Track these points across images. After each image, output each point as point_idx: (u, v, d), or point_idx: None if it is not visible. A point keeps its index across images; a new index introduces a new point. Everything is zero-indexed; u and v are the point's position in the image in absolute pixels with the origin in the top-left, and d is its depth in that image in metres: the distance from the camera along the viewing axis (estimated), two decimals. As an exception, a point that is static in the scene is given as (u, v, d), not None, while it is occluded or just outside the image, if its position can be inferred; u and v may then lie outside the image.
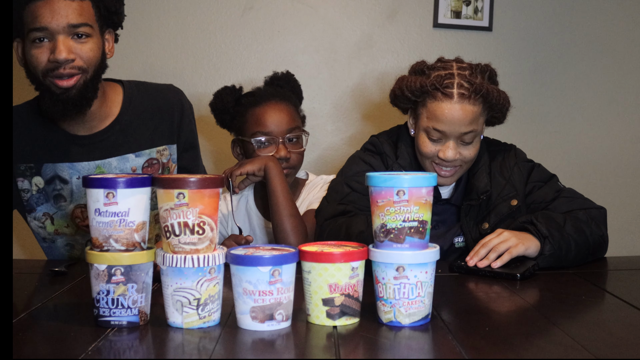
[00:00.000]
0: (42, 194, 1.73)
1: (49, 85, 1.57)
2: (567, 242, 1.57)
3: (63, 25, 1.53)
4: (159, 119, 1.77)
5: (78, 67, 1.56)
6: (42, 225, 1.76)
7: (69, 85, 1.56)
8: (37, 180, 1.71)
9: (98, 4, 1.61)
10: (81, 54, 1.57)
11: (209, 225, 1.11)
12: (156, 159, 1.76)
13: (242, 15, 2.41)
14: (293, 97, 1.95)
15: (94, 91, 1.62)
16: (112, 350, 1.02)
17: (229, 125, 1.96)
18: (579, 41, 2.48)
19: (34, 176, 1.71)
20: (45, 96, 1.59)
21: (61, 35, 1.54)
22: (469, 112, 1.64)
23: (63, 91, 1.56)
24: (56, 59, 1.53)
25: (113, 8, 1.64)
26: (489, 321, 1.19)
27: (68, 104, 1.58)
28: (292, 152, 1.88)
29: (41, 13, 1.52)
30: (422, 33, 2.44)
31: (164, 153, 1.77)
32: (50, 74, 1.56)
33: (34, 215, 1.75)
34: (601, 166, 2.53)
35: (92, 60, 1.59)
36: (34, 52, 1.56)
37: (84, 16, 1.56)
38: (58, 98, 1.57)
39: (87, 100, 1.61)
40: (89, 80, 1.59)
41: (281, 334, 1.09)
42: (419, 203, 1.12)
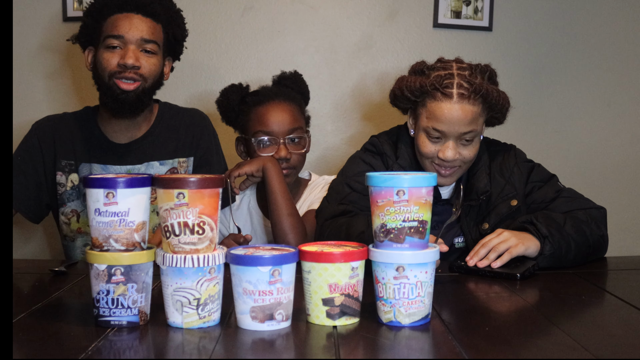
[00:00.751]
0: (75, 190, 1.88)
1: (112, 86, 1.78)
2: (567, 242, 1.57)
3: (136, 38, 1.77)
4: (182, 134, 1.94)
5: (140, 74, 1.78)
6: (67, 221, 1.90)
7: (129, 88, 1.77)
8: (74, 177, 1.87)
9: (168, 31, 1.86)
10: (145, 65, 1.78)
11: (208, 225, 1.11)
12: (176, 168, 1.92)
13: (242, 15, 2.41)
14: (298, 97, 1.95)
15: (148, 100, 1.84)
16: (112, 350, 1.02)
17: (234, 122, 1.97)
18: (579, 41, 2.48)
19: (71, 173, 1.88)
20: (107, 95, 1.80)
21: (132, 46, 1.77)
22: (468, 112, 1.64)
23: (122, 92, 1.77)
24: (125, 62, 1.75)
25: (179, 37, 1.90)
26: (489, 321, 1.19)
27: (125, 104, 1.78)
28: (293, 152, 1.88)
29: (120, 24, 1.77)
30: (422, 33, 2.44)
31: (183, 164, 1.92)
32: (116, 76, 1.77)
33: (62, 210, 1.89)
34: (601, 166, 2.53)
35: (153, 73, 1.81)
36: (106, 56, 1.78)
37: (154, 35, 1.81)
38: (117, 98, 1.78)
39: (141, 106, 1.83)
40: (147, 89, 1.81)
41: (281, 334, 1.09)
42: (419, 203, 1.12)
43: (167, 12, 1.86)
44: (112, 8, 1.79)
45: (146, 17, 1.80)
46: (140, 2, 1.79)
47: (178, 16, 1.90)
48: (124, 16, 1.78)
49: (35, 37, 2.38)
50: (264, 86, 1.97)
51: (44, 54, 2.38)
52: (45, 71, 2.40)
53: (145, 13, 1.80)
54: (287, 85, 1.97)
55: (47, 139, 1.89)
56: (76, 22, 2.35)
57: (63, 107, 2.25)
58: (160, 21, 1.83)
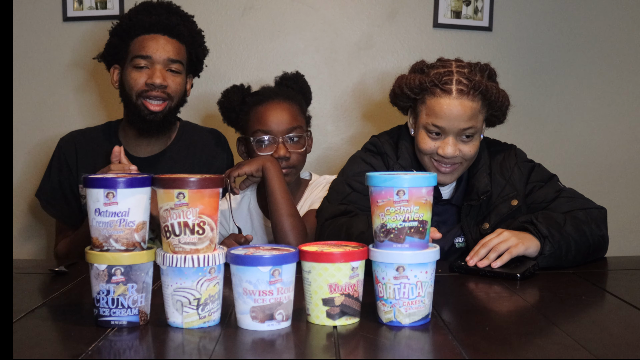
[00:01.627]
0: None
1: (139, 106, 1.85)
2: (567, 242, 1.57)
3: (164, 58, 1.85)
4: (199, 153, 2.01)
5: (167, 93, 1.86)
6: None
7: (157, 110, 1.85)
8: None
9: (191, 51, 1.94)
10: (171, 84, 1.87)
11: (209, 225, 1.11)
12: None
13: (242, 15, 2.41)
14: (298, 97, 1.95)
15: (174, 118, 1.93)
16: (112, 350, 1.02)
17: (235, 123, 1.98)
18: (579, 41, 2.48)
19: None
20: (133, 113, 1.87)
21: (159, 65, 1.85)
22: (467, 107, 1.64)
23: (150, 113, 1.85)
24: (153, 82, 1.83)
25: (201, 57, 1.99)
26: (489, 321, 1.19)
27: (153, 124, 1.87)
28: (293, 151, 1.88)
29: (148, 45, 1.85)
30: (422, 33, 2.44)
31: None
32: (143, 95, 1.84)
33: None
34: (601, 166, 2.53)
35: (178, 92, 1.90)
36: (134, 75, 1.85)
37: (179, 55, 1.89)
38: (145, 118, 1.86)
39: (168, 125, 1.92)
40: (173, 108, 1.90)
41: (281, 334, 1.09)
42: (419, 203, 1.12)
43: (191, 33, 1.94)
44: (139, 29, 1.86)
45: (172, 38, 1.88)
46: (167, 24, 1.87)
47: (200, 36, 1.98)
48: (151, 37, 1.86)
49: (35, 37, 2.38)
50: (264, 86, 1.97)
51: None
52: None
53: (172, 34, 1.88)
54: (289, 86, 1.97)
55: (71, 154, 1.97)
56: (76, 22, 2.36)
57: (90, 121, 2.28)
58: (184, 42, 1.92)
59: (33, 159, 2.41)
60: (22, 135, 2.39)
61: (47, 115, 2.40)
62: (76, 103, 2.41)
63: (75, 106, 2.41)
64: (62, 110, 2.40)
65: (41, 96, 2.40)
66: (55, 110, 2.40)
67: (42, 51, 2.39)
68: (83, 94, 2.41)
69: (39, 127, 2.40)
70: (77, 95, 2.41)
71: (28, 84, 2.40)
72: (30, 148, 2.41)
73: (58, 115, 2.39)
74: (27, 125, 2.40)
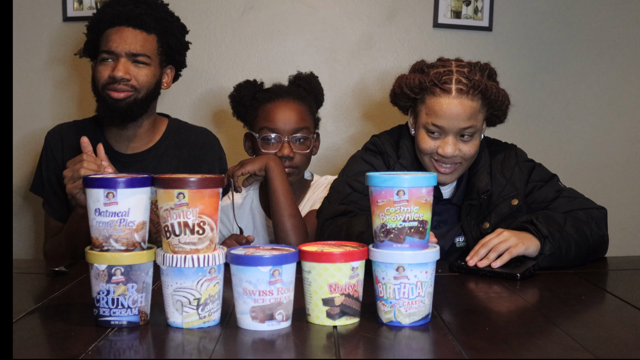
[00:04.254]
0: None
1: (105, 96, 1.85)
2: (567, 242, 1.57)
3: (126, 51, 1.83)
4: (186, 152, 1.98)
5: (131, 85, 1.84)
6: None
7: (119, 97, 1.83)
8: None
9: (162, 41, 1.90)
10: (136, 77, 1.85)
11: (209, 225, 1.11)
12: None
13: (242, 15, 2.41)
14: (308, 98, 1.95)
15: (141, 109, 1.89)
16: (112, 350, 1.02)
17: (244, 118, 1.99)
18: (579, 41, 2.48)
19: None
20: (100, 105, 1.88)
21: (123, 59, 1.83)
22: (467, 107, 1.64)
23: (114, 102, 1.84)
24: (114, 75, 1.82)
25: (175, 47, 1.94)
26: (489, 321, 1.19)
27: (116, 113, 1.85)
28: (297, 152, 1.88)
29: (112, 38, 1.84)
30: (422, 33, 2.44)
31: None
32: (107, 87, 1.84)
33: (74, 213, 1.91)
34: (601, 166, 2.53)
35: (145, 84, 1.86)
36: (100, 69, 1.86)
37: (145, 47, 1.86)
38: (109, 107, 1.85)
39: (132, 115, 1.87)
40: (140, 99, 1.86)
41: (281, 334, 1.09)
42: (419, 203, 1.12)
43: (161, 23, 1.89)
44: (105, 23, 1.85)
45: (137, 30, 1.85)
46: (130, 15, 1.84)
47: (174, 26, 1.93)
48: (115, 30, 1.84)
49: (35, 37, 2.38)
50: (276, 84, 1.98)
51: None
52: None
53: (136, 25, 1.85)
54: (301, 86, 1.98)
55: (57, 146, 1.96)
56: (76, 22, 2.36)
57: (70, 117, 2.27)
58: (153, 32, 1.88)
59: (33, 158, 2.41)
60: (22, 135, 2.39)
61: (47, 115, 2.40)
62: (76, 103, 2.41)
63: (75, 106, 2.40)
64: (62, 110, 2.40)
65: (41, 96, 2.40)
66: (55, 110, 2.40)
67: (42, 51, 2.39)
68: (83, 93, 2.41)
69: (39, 127, 2.40)
70: (77, 95, 2.41)
71: (28, 84, 2.39)
72: (30, 148, 2.41)
73: (58, 115, 2.38)
74: (27, 124, 2.40)
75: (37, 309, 1.24)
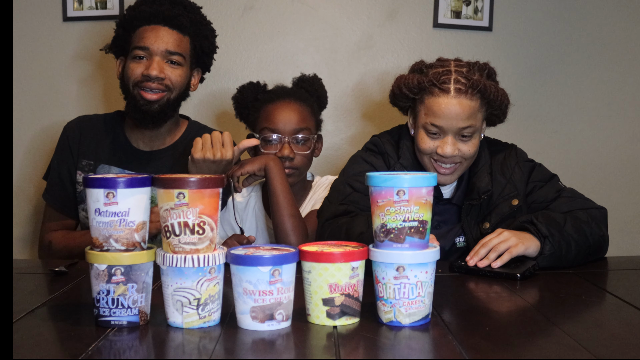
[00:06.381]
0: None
1: (136, 96, 1.83)
2: (567, 242, 1.57)
3: (162, 50, 1.82)
4: None
5: (165, 85, 1.83)
6: (86, 217, 1.92)
7: (152, 99, 1.82)
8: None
9: (195, 43, 1.90)
10: (170, 76, 1.83)
11: (209, 225, 1.11)
12: None
13: (242, 15, 2.41)
14: (310, 99, 1.96)
15: (172, 111, 1.88)
16: (112, 350, 1.02)
17: (246, 119, 2.00)
18: (579, 41, 2.48)
19: (89, 172, 1.91)
20: (131, 104, 1.85)
21: (157, 57, 1.82)
22: (466, 106, 1.64)
23: (146, 103, 1.82)
24: (149, 73, 1.80)
25: (207, 50, 1.94)
26: (489, 321, 1.19)
27: (147, 115, 1.84)
28: (298, 153, 1.87)
29: (147, 36, 1.82)
30: (422, 33, 2.44)
31: None
32: (139, 85, 1.82)
33: (82, 206, 1.94)
34: (601, 166, 2.53)
35: (178, 84, 1.85)
36: (132, 66, 1.83)
37: (180, 47, 1.85)
38: (140, 108, 1.83)
39: (164, 117, 1.87)
40: (171, 100, 1.85)
41: (281, 334, 1.09)
42: (419, 203, 1.12)
43: (195, 25, 1.89)
44: (140, 20, 1.84)
45: (173, 30, 1.84)
46: (167, 14, 1.83)
47: (207, 29, 1.94)
48: (151, 28, 1.83)
49: (35, 37, 2.38)
50: (278, 85, 1.98)
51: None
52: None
53: (172, 25, 1.84)
54: (304, 87, 1.98)
55: (74, 139, 1.95)
56: (76, 22, 2.36)
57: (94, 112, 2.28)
58: (187, 33, 1.87)
59: (32, 157, 2.41)
60: (22, 134, 2.39)
61: (47, 115, 2.40)
62: (76, 102, 2.41)
63: (75, 106, 2.40)
64: (62, 110, 2.40)
65: (41, 96, 2.40)
66: (55, 110, 2.40)
67: (43, 51, 2.39)
68: (83, 93, 2.41)
69: (38, 127, 2.41)
70: (77, 95, 2.41)
71: (28, 84, 2.39)
72: (29, 147, 2.41)
73: (58, 114, 2.38)
74: (27, 124, 2.40)
75: (37, 309, 1.24)
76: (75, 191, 1.94)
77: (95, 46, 2.36)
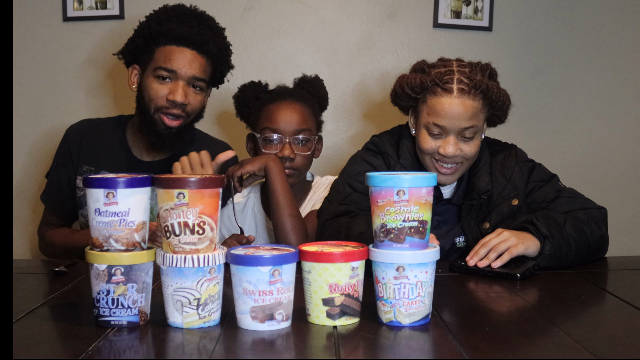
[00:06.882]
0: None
1: (156, 120, 1.79)
2: (567, 242, 1.57)
3: (189, 75, 1.78)
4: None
5: (186, 111, 1.80)
6: (86, 222, 1.93)
7: (173, 125, 1.79)
8: None
9: (215, 68, 1.87)
10: (192, 102, 1.81)
11: (209, 225, 1.11)
12: None
13: (242, 15, 2.41)
14: (312, 100, 1.96)
15: (187, 134, 1.86)
16: (112, 350, 1.02)
17: (247, 118, 2.00)
18: (579, 41, 2.48)
19: None
20: (149, 126, 1.81)
21: (182, 82, 1.78)
22: (468, 107, 1.64)
23: (166, 128, 1.79)
24: (175, 99, 1.76)
25: (225, 72, 1.92)
26: (489, 321, 1.19)
27: (166, 139, 1.81)
28: (298, 153, 1.87)
29: (175, 58, 1.76)
30: (422, 33, 2.44)
31: None
32: (162, 110, 1.78)
33: (81, 212, 1.93)
34: (601, 166, 2.53)
35: (196, 110, 1.84)
36: (155, 86, 1.78)
37: (205, 73, 1.82)
38: (160, 133, 1.80)
39: (181, 141, 1.84)
40: (189, 124, 1.84)
41: (281, 334, 1.09)
42: (419, 203, 1.12)
43: (221, 51, 1.86)
44: (168, 38, 1.77)
45: (200, 55, 1.80)
46: (198, 40, 1.78)
47: (227, 52, 1.90)
48: (179, 50, 1.77)
49: (35, 37, 2.38)
50: (280, 85, 1.98)
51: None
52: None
53: (200, 50, 1.80)
54: (305, 88, 1.98)
55: (75, 144, 1.92)
56: (76, 22, 2.36)
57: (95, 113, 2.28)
58: (212, 59, 1.84)
59: (33, 158, 2.41)
60: (21, 134, 2.39)
61: (47, 115, 2.40)
62: (76, 102, 2.41)
63: (75, 105, 2.40)
64: (61, 110, 2.40)
65: (41, 96, 2.40)
66: (55, 110, 2.40)
67: (42, 51, 2.39)
68: (83, 93, 2.41)
69: (39, 127, 2.41)
70: (76, 95, 2.41)
71: (28, 84, 2.40)
72: (30, 148, 2.41)
73: (58, 114, 2.38)
74: (27, 125, 2.40)
75: (37, 309, 1.24)
76: (75, 196, 1.93)
77: (95, 46, 2.36)
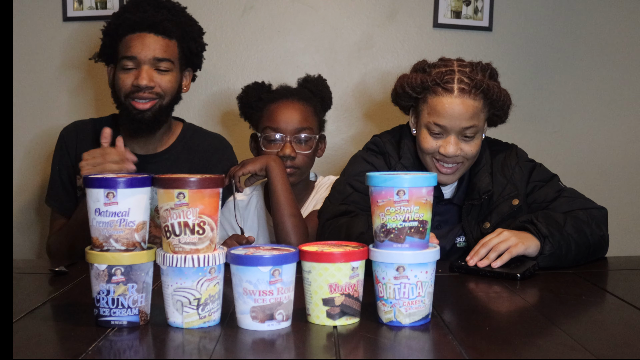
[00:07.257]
0: None
1: (128, 106, 1.83)
2: (567, 242, 1.57)
3: (149, 58, 1.80)
4: (198, 157, 1.97)
5: (156, 93, 1.82)
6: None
7: (145, 108, 1.81)
8: None
9: (183, 45, 1.87)
10: (160, 84, 1.82)
11: (209, 225, 1.11)
12: None
13: (242, 15, 2.41)
14: (314, 100, 1.96)
15: (166, 116, 1.88)
16: (112, 350, 1.02)
17: (250, 118, 2.00)
18: (579, 41, 2.48)
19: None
20: (123, 115, 1.86)
21: (146, 65, 1.80)
22: (469, 106, 1.64)
23: (138, 112, 1.82)
24: (138, 84, 1.79)
25: (195, 51, 1.92)
26: (489, 321, 1.19)
27: (142, 123, 1.83)
28: (299, 152, 1.88)
29: (133, 44, 1.80)
30: (422, 33, 2.44)
31: None
32: (131, 96, 1.81)
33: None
34: (601, 166, 2.53)
35: (169, 90, 1.84)
36: (122, 76, 1.82)
37: (167, 53, 1.83)
38: (134, 118, 1.83)
39: (158, 124, 1.86)
40: (164, 106, 1.85)
41: (281, 334, 1.09)
42: (419, 203, 1.12)
43: (181, 28, 1.87)
44: (125, 28, 1.81)
45: (159, 36, 1.82)
46: (152, 21, 1.80)
47: (193, 29, 1.91)
48: (137, 36, 1.81)
49: (35, 37, 2.38)
50: (282, 85, 1.98)
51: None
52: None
53: (158, 31, 1.81)
54: (308, 88, 1.98)
55: (71, 143, 1.94)
56: (76, 22, 2.36)
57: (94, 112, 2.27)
58: (174, 37, 1.85)
59: (32, 158, 2.41)
60: (21, 134, 2.39)
61: (47, 115, 2.40)
62: (76, 102, 2.41)
63: (75, 106, 2.41)
64: (62, 110, 2.40)
65: (41, 96, 2.40)
66: (55, 110, 2.40)
67: (42, 51, 2.39)
68: (83, 93, 2.41)
69: (39, 127, 2.40)
70: (77, 95, 2.41)
71: (28, 84, 2.39)
72: (30, 148, 2.41)
73: (58, 114, 2.38)
74: (27, 124, 2.40)
75: (37, 309, 1.24)
76: (77, 195, 1.93)
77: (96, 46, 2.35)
